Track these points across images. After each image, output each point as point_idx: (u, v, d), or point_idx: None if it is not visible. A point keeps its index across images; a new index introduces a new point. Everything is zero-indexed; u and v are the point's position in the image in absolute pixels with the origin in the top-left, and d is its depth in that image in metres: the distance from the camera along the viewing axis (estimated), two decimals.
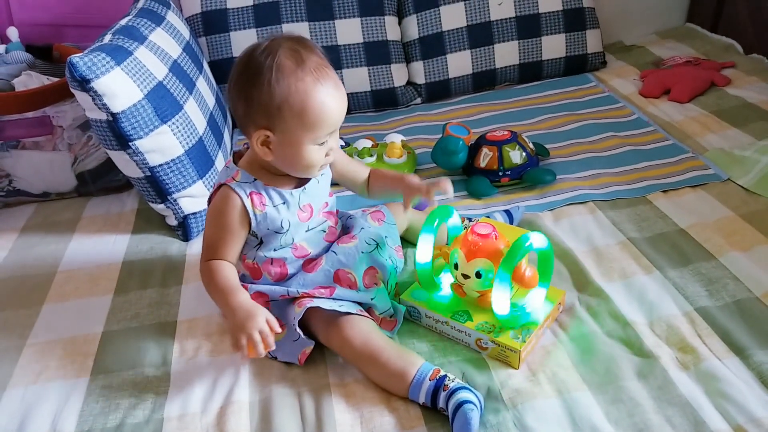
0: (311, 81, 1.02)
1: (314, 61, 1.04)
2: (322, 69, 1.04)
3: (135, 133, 1.33)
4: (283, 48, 1.03)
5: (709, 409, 0.97)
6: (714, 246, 1.29)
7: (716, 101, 1.81)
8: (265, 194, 1.11)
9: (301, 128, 1.03)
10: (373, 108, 1.99)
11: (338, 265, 1.16)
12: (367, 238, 1.20)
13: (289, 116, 1.02)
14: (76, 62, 1.25)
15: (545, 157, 1.63)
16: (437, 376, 1.00)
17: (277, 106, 1.02)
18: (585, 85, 2.00)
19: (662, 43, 2.24)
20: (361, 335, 1.06)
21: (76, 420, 1.03)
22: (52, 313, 1.26)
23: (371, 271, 1.17)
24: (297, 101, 1.01)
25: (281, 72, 1.01)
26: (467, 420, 0.94)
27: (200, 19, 1.88)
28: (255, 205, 1.10)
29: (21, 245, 1.47)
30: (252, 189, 1.11)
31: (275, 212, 1.12)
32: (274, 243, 1.14)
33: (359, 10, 1.91)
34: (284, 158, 1.08)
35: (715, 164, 1.54)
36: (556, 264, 1.28)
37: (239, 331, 1.01)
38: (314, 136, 1.05)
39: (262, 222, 1.11)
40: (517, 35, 2.00)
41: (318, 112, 1.03)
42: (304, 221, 1.16)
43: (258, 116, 1.04)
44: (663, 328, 1.12)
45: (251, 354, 1.01)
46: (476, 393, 0.99)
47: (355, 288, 1.15)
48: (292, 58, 1.02)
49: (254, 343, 1.00)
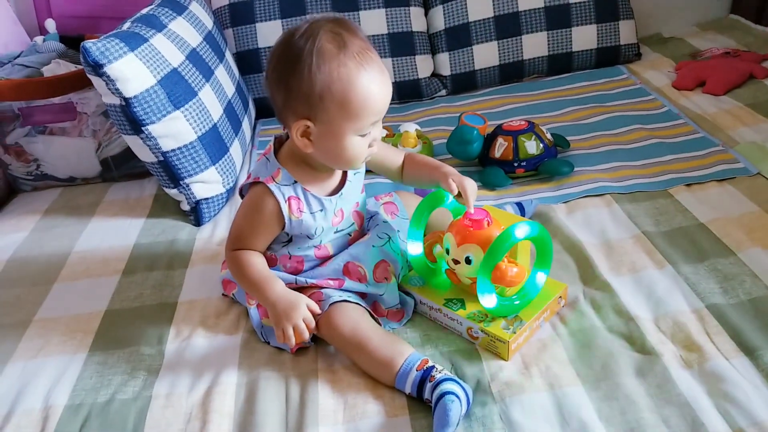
0: (354, 66, 0.95)
1: (357, 44, 0.97)
2: (365, 53, 0.97)
3: (147, 118, 1.35)
4: (324, 31, 0.96)
5: (709, 410, 0.92)
6: (734, 241, 1.23)
7: (753, 94, 1.72)
8: (304, 200, 1.07)
9: (344, 118, 0.97)
10: (397, 100, 1.97)
11: (349, 258, 1.14)
12: (380, 232, 1.18)
13: (331, 105, 0.96)
14: (89, 47, 1.28)
15: (565, 148, 1.58)
16: (424, 366, 0.98)
17: (318, 95, 0.96)
18: (616, 77, 1.94)
19: (702, 34, 2.14)
20: (350, 323, 1.04)
21: (68, 394, 1.05)
22: (62, 292, 1.29)
23: (383, 265, 1.14)
24: (339, 89, 0.95)
25: (322, 57, 0.95)
26: (445, 411, 0.91)
27: (228, 11, 1.91)
28: (292, 211, 1.06)
29: (42, 226, 1.52)
30: (291, 193, 1.06)
31: (311, 219, 1.08)
32: (302, 244, 1.12)
33: (384, 0, 1.90)
34: (326, 151, 1.02)
35: (745, 158, 1.47)
36: (563, 256, 1.24)
37: (285, 322, 1.02)
38: (358, 126, 0.99)
39: (297, 227, 1.08)
40: (546, 26, 1.94)
41: (362, 100, 0.96)
42: (335, 225, 1.13)
43: (298, 105, 0.98)
44: (669, 325, 1.07)
45: (298, 340, 1.04)
46: (463, 385, 0.96)
47: (364, 281, 1.13)
48: (334, 41, 0.96)
49: (300, 331, 1.02)
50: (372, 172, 1.26)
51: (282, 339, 1.03)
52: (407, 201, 1.31)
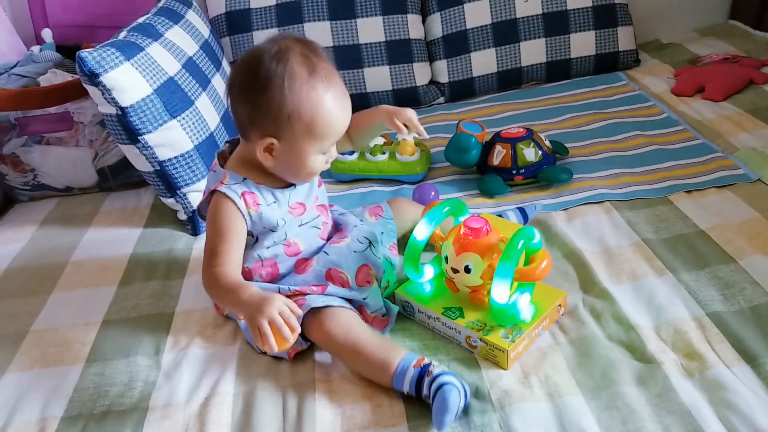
0: (322, 90, 1.00)
1: (324, 68, 1.02)
2: (331, 77, 1.02)
3: (144, 127, 1.35)
4: (294, 53, 1.00)
5: (710, 419, 0.91)
6: (735, 248, 1.22)
7: (753, 99, 1.72)
8: (258, 192, 1.09)
9: (308, 138, 1.02)
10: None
11: (330, 265, 1.14)
12: (360, 236, 1.18)
13: (299, 126, 1.01)
14: (85, 56, 1.28)
15: (564, 155, 1.58)
16: (421, 364, 0.98)
17: (287, 115, 1.00)
18: (615, 84, 1.93)
19: (702, 40, 2.14)
20: (342, 328, 1.04)
21: (65, 406, 1.04)
22: (58, 302, 1.29)
23: (364, 269, 1.15)
24: (308, 111, 1.00)
25: (294, 80, 0.99)
26: (444, 399, 0.91)
27: (224, 19, 1.91)
28: (249, 205, 1.07)
29: (39, 236, 1.52)
30: (244, 189, 1.07)
31: (269, 211, 1.09)
32: (268, 240, 1.12)
33: (381, 8, 1.89)
34: (287, 166, 1.06)
35: (745, 164, 1.46)
36: (562, 264, 1.24)
37: (258, 317, 0.91)
38: (320, 146, 1.04)
39: (258, 222, 1.09)
40: (545, 33, 1.94)
41: (327, 122, 1.01)
42: (297, 216, 1.14)
43: (265, 124, 1.01)
44: (669, 333, 1.06)
45: (279, 341, 0.91)
46: (461, 380, 0.96)
47: (347, 286, 1.13)
48: (304, 65, 1.00)
49: (277, 325, 0.91)
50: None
51: (259, 340, 0.92)
52: (402, 207, 1.31)
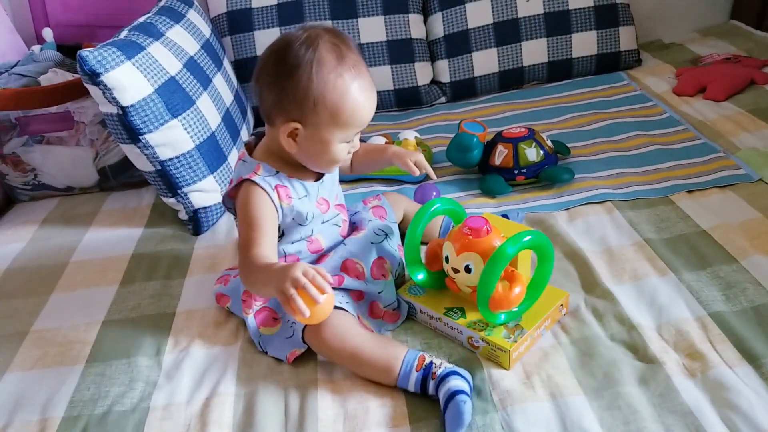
0: (350, 78, 1.00)
1: (352, 57, 1.02)
2: (359, 66, 1.02)
3: (145, 126, 1.35)
4: (323, 41, 1.00)
5: (713, 419, 0.91)
6: (736, 248, 1.22)
7: (754, 99, 1.72)
8: (290, 186, 1.09)
9: (333, 125, 1.02)
10: (396, 107, 1.97)
11: (347, 255, 1.14)
12: (376, 228, 1.19)
13: (324, 113, 1.00)
14: (86, 56, 1.28)
15: (565, 155, 1.57)
16: (423, 365, 0.98)
17: (313, 101, 0.99)
18: (616, 84, 1.93)
19: (703, 40, 2.13)
20: (336, 337, 1.02)
21: (65, 406, 1.03)
22: (59, 302, 1.28)
23: (380, 262, 1.16)
24: (334, 99, 1.00)
25: (322, 66, 0.99)
26: (460, 412, 0.91)
27: (225, 19, 1.91)
28: (281, 198, 1.07)
29: (40, 236, 1.51)
30: (277, 182, 1.07)
31: (300, 204, 1.09)
32: (294, 235, 1.12)
33: (383, 7, 1.89)
34: (310, 152, 1.06)
35: (747, 164, 1.46)
36: (564, 264, 1.24)
37: (284, 282, 0.89)
38: (344, 134, 1.04)
39: (289, 214, 1.09)
40: (546, 32, 1.94)
41: (352, 111, 1.01)
42: (323, 213, 1.14)
43: (291, 108, 1.01)
44: (671, 333, 1.06)
45: (308, 303, 0.88)
46: (465, 376, 0.97)
47: (362, 278, 1.13)
48: (333, 52, 1.00)
49: (303, 286, 0.88)
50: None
51: (289, 309, 0.89)
52: (393, 201, 1.32)
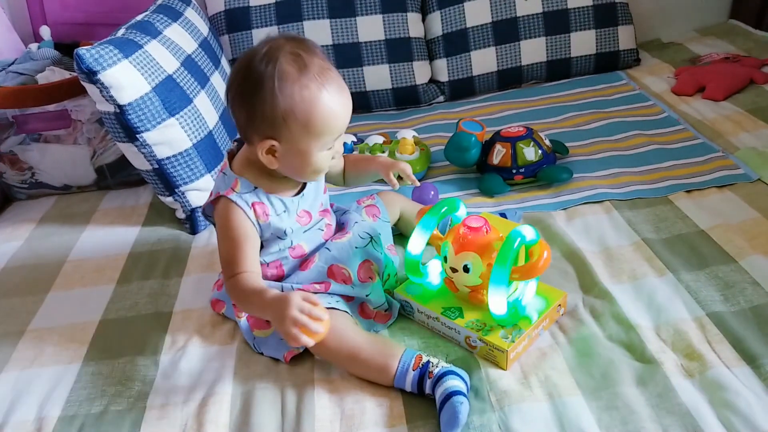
0: (316, 88, 0.97)
1: (317, 64, 0.99)
2: (325, 73, 0.99)
3: (142, 125, 1.34)
4: (284, 53, 0.97)
5: (710, 420, 0.91)
6: (735, 248, 1.21)
7: (753, 99, 1.71)
8: (268, 203, 1.07)
9: (307, 137, 1.00)
10: (394, 106, 1.96)
11: (332, 261, 1.14)
12: (361, 232, 1.17)
13: (295, 126, 0.98)
14: (83, 54, 1.27)
15: (564, 155, 1.57)
16: (420, 364, 0.98)
17: (282, 117, 0.97)
18: (615, 83, 1.93)
19: (702, 40, 2.13)
20: (334, 336, 1.01)
21: (62, 406, 1.03)
22: (56, 301, 1.28)
23: (366, 264, 1.15)
24: (302, 111, 0.97)
25: (284, 80, 0.96)
26: (455, 413, 0.91)
27: (223, 17, 1.90)
28: (258, 215, 1.06)
29: (37, 235, 1.51)
30: (254, 199, 1.06)
31: (278, 221, 1.08)
32: (274, 246, 1.12)
33: (381, 6, 1.88)
34: (292, 166, 1.04)
35: (745, 164, 1.46)
36: (562, 264, 1.23)
37: (283, 323, 0.92)
38: (322, 143, 1.01)
39: (266, 230, 1.08)
40: (545, 31, 1.94)
41: (324, 119, 0.99)
42: (303, 225, 1.13)
43: (262, 126, 0.99)
44: (669, 333, 1.05)
45: (310, 336, 0.92)
46: (462, 376, 0.96)
47: (349, 283, 1.12)
48: (294, 63, 0.97)
49: (303, 323, 0.91)
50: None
51: (293, 343, 0.93)
52: (388, 199, 1.31)
